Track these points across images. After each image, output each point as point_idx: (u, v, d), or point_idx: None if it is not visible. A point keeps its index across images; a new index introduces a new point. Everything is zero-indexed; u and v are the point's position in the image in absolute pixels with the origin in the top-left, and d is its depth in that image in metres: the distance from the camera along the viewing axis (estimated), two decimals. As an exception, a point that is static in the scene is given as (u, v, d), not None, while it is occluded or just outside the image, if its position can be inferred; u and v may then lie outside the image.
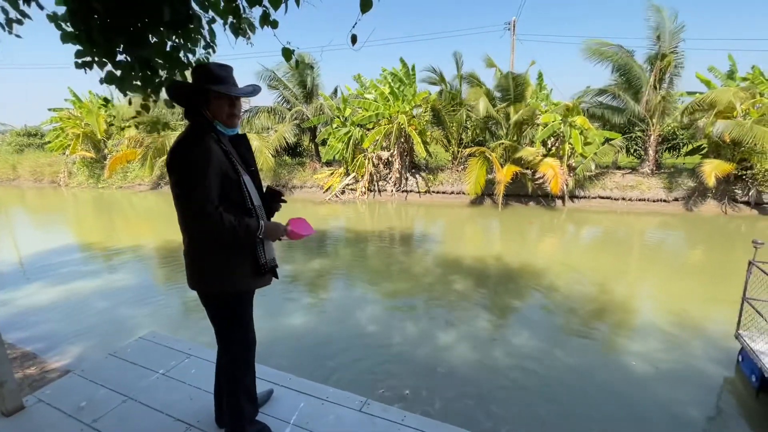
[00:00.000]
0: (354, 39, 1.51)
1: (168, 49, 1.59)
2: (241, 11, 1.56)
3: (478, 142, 13.67)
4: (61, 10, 1.63)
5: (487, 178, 11.81)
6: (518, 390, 3.61)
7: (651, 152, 12.08)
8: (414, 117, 12.99)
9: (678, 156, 13.59)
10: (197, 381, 2.07)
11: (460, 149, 13.71)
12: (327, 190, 14.05)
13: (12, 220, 12.79)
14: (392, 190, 13.57)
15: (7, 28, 1.71)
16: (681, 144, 13.17)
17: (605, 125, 12.54)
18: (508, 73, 12.18)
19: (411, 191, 13.55)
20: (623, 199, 11.73)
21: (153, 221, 12.23)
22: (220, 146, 1.45)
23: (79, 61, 1.74)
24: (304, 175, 15.04)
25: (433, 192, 13.33)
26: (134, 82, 1.73)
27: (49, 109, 19.16)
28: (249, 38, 1.65)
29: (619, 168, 13.05)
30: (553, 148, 12.09)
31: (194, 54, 1.72)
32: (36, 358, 4.74)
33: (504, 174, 11.13)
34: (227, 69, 1.49)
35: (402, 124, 12.42)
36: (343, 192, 13.86)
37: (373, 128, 13.21)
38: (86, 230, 11.23)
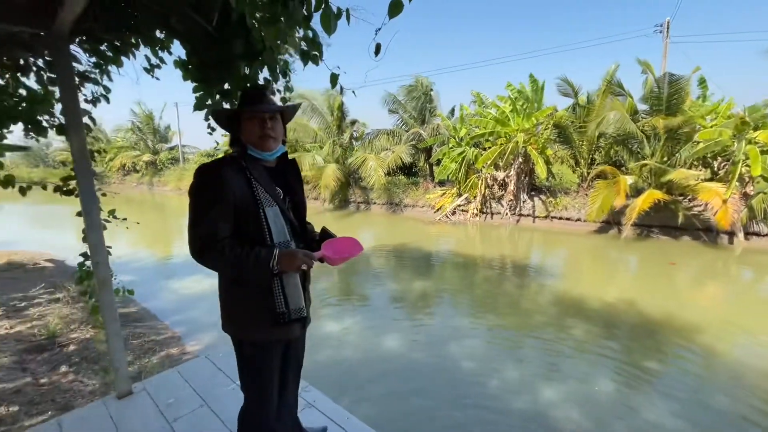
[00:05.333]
0: (378, 49, 1.34)
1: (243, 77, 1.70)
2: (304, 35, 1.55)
3: (614, 162, 11.81)
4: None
5: (624, 204, 10.04)
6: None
7: None
8: (535, 135, 11.98)
9: None
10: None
11: (590, 170, 12.07)
12: (438, 210, 13.91)
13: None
14: (506, 213, 12.67)
15: (149, 73, 2.11)
16: None
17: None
18: (663, 75, 10.23)
19: (528, 215, 12.43)
20: (838, 240, 8.59)
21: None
22: (244, 174, 1.34)
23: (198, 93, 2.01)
24: (417, 194, 15.22)
25: (555, 217, 11.96)
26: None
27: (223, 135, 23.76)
28: (318, 62, 1.64)
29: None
30: (721, 171, 9.64)
31: (275, 82, 1.81)
32: (180, 341, 5.68)
33: (642, 201, 9.29)
34: (262, 89, 1.40)
35: (520, 143, 11.57)
36: (453, 213, 13.52)
37: (489, 147, 12.67)
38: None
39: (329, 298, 6.64)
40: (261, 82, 1.85)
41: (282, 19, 1.31)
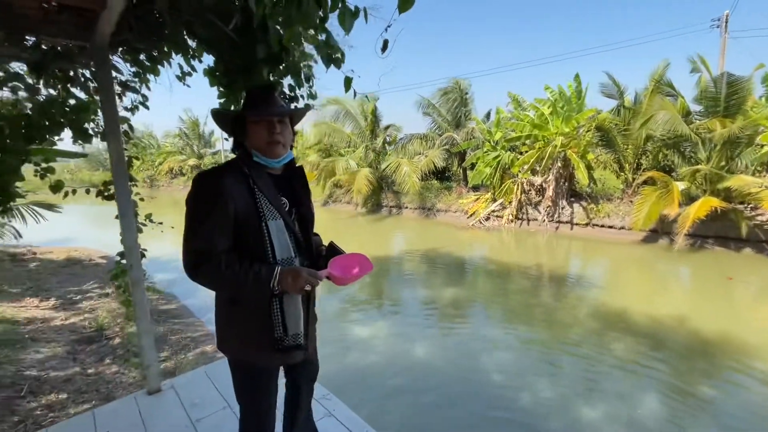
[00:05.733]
0: (385, 45, 1.27)
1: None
2: (329, 40, 1.53)
3: (663, 167, 11.04)
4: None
5: (676, 212, 9.32)
6: None
7: None
8: (575, 139, 11.44)
9: None
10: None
11: (636, 176, 11.35)
12: (471, 215, 13.62)
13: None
14: (544, 220, 12.17)
15: (182, 80, 2.19)
16: None
17: None
18: (721, 74, 9.44)
19: (567, 222, 11.87)
20: None
21: (324, 234, 14.11)
22: (247, 183, 1.21)
23: (222, 100, 2.07)
24: (450, 199, 14.99)
25: (596, 225, 11.34)
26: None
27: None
28: (340, 65, 1.61)
29: None
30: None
31: (299, 88, 1.81)
32: (214, 339, 5.89)
33: (697, 209, 8.57)
34: (268, 90, 1.28)
35: (558, 147, 11.09)
36: (487, 218, 13.19)
37: (526, 152, 12.25)
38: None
39: (359, 300, 6.64)
40: (286, 88, 1.86)
41: (297, 21, 1.30)
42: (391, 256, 10.11)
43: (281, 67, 1.65)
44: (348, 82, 1.56)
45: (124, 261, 2.15)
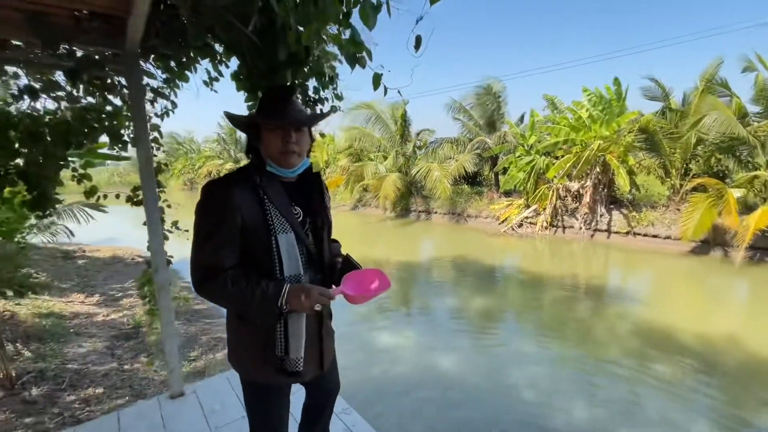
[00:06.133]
0: (418, 42, 1.16)
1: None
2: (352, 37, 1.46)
3: (716, 173, 10.24)
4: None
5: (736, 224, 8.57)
6: None
7: None
8: (614, 143, 10.84)
9: None
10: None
11: (684, 182, 10.59)
12: (503, 221, 13.22)
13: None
14: (581, 227, 11.60)
15: (209, 86, 2.22)
16: None
17: None
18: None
19: (606, 230, 11.25)
20: None
21: (351, 237, 14.19)
22: (257, 193, 1.14)
23: (249, 103, 2.06)
24: (481, 204, 14.64)
25: (638, 234, 10.67)
26: None
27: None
28: (364, 65, 1.53)
29: None
30: None
31: (323, 90, 1.76)
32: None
33: (758, 218, 7.84)
34: (285, 93, 1.21)
35: (596, 151, 10.54)
36: (520, 225, 12.75)
37: (562, 156, 11.75)
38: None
39: (385, 307, 6.56)
40: (310, 91, 1.82)
41: (315, 18, 1.23)
42: (420, 261, 9.97)
43: (305, 69, 1.61)
44: (377, 79, 1.47)
45: (150, 269, 2.18)
